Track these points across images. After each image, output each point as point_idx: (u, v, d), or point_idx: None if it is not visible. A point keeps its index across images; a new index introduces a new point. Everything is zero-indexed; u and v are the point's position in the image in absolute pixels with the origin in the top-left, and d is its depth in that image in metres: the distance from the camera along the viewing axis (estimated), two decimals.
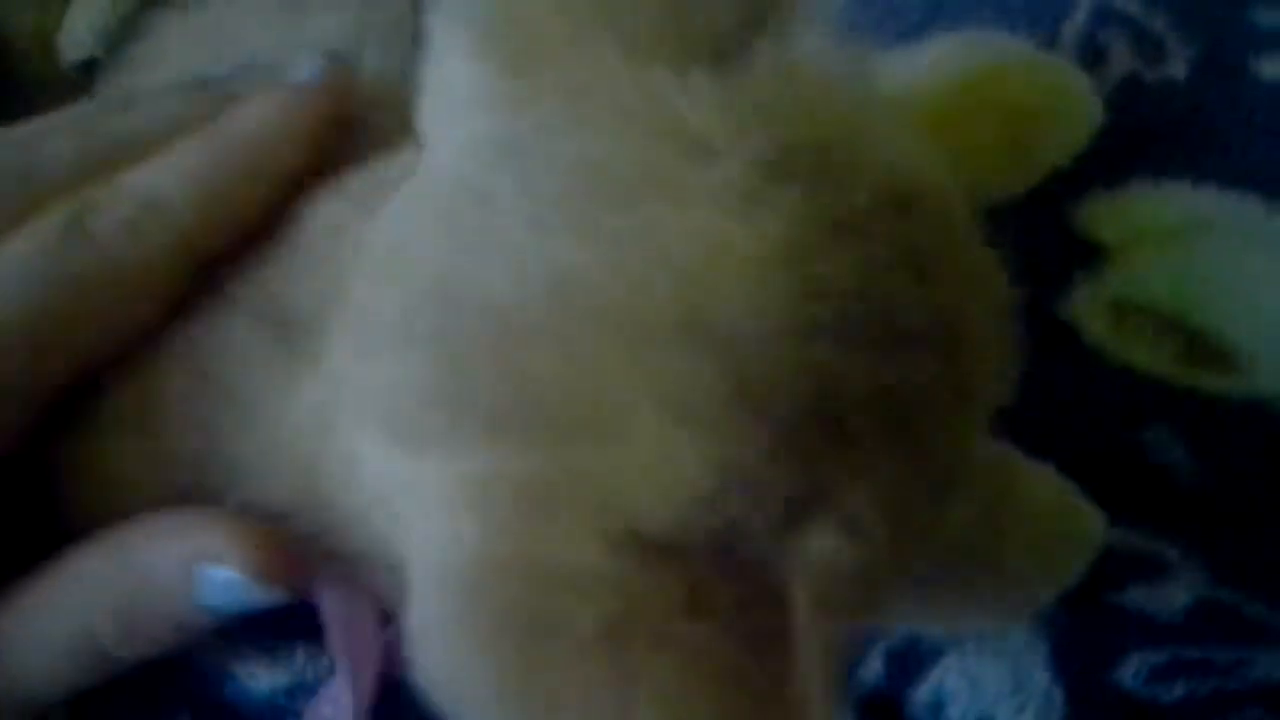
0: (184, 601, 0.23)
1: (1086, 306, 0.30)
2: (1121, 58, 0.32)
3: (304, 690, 0.27)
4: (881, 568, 0.19)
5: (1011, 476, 0.27)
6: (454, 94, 0.22)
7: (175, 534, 0.23)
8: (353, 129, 0.27)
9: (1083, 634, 0.30)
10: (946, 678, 0.30)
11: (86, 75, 0.40)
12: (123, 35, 0.39)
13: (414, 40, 0.34)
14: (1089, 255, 0.31)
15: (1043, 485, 0.27)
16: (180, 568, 0.23)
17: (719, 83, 0.19)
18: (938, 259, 0.20)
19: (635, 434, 0.18)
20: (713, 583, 0.18)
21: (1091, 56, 0.32)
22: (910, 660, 0.31)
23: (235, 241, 0.25)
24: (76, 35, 0.39)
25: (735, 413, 0.18)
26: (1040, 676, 0.30)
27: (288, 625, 0.27)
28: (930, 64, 0.30)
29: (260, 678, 0.27)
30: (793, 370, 0.18)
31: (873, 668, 0.31)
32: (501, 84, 0.21)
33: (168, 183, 0.25)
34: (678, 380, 0.18)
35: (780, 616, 0.18)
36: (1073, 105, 0.30)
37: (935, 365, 0.19)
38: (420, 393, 0.19)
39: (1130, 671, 0.29)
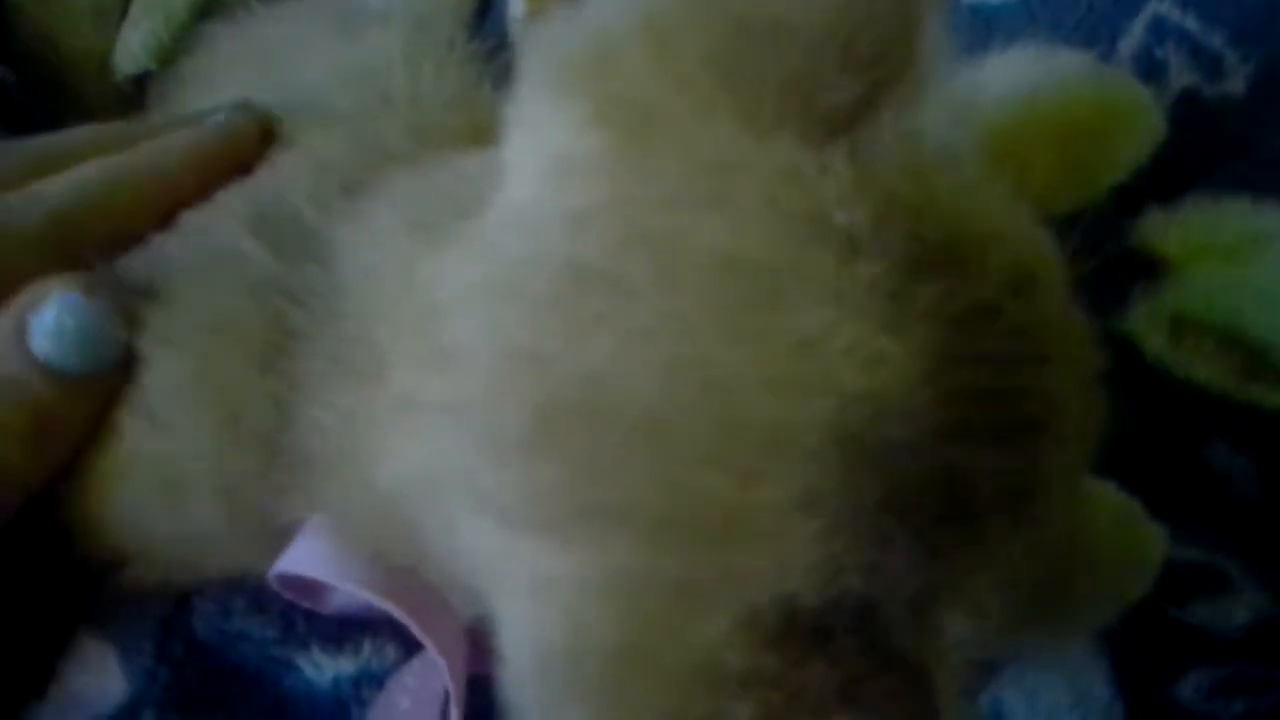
0: (19, 356, 0.25)
1: (1146, 321, 0.31)
2: (1179, 73, 0.32)
3: (370, 679, 0.27)
4: (1000, 632, 0.20)
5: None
6: (558, 157, 0.21)
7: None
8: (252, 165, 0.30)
9: (1143, 649, 0.29)
10: (1005, 692, 0.30)
11: (139, 88, 0.40)
12: (174, 50, 0.39)
13: (466, 61, 0.35)
14: (1148, 270, 0.31)
15: (1105, 503, 0.28)
16: (13, 322, 0.25)
17: (853, 167, 0.19)
18: (1049, 338, 0.20)
19: (788, 537, 0.18)
20: (861, 673, 0.19)
21: (1148, 72, 0.32)
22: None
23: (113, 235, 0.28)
24: (130, 50, 0.40)
25: (883, 517, 0.18)
26: (1100, 691, 0.30)
27: (352, 620, 0.27)
28: (990, 81, 0.30)
29: (324, 667, 0.27)
30: (934, 473, 0.19)
31: None
32: (620, 154, 0.20)
33: (57, 181, 0.28)
34: (832, 489, 0.18)
35: (923, 697, 0.19)
36: (1135, 121, 0.30)
37: (1050, 446, 0.20)
38: (562, 495, 0.19)
39: (1191, 687, 0.29)
